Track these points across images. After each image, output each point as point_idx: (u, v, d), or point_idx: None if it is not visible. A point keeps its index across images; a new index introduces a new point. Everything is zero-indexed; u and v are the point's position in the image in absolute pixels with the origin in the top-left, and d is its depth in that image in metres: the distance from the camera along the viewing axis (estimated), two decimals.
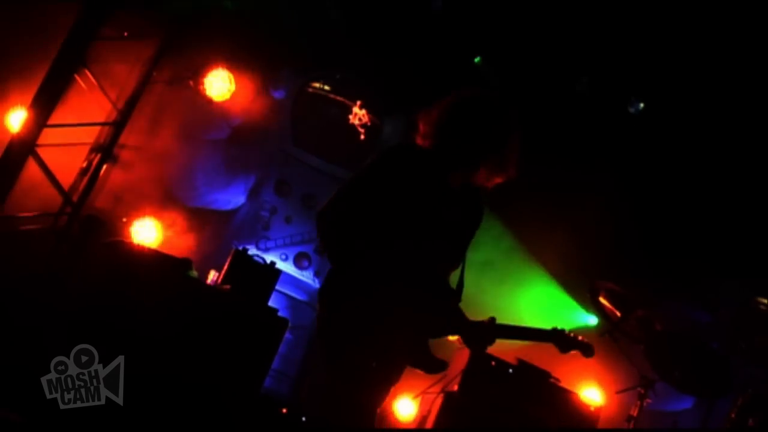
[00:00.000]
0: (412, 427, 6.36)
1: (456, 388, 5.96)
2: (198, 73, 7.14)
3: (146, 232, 6.92)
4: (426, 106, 3.98)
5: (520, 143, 3.88)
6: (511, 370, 6.00)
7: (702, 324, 7.52)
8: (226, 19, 7.36)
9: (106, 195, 7.07)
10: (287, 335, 7.98)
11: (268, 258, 6.44)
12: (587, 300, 6.62)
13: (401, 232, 3.66)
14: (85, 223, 6.50)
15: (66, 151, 6.85)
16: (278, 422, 5.83)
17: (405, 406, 6.84)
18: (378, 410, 3.74)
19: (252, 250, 6.76)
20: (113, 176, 7.08)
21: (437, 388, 6.21)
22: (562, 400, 6.02)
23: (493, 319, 3.90)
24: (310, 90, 8.40)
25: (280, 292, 7.95)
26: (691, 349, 6.08)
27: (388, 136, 8.58)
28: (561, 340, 4.07)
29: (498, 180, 3.88)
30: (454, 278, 3.90)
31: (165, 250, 6.18)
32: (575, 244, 7.71)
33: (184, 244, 7.27)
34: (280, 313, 6.07)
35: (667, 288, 7.76)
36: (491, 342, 3.88)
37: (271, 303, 6.09)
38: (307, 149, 8.40)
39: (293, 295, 8.21)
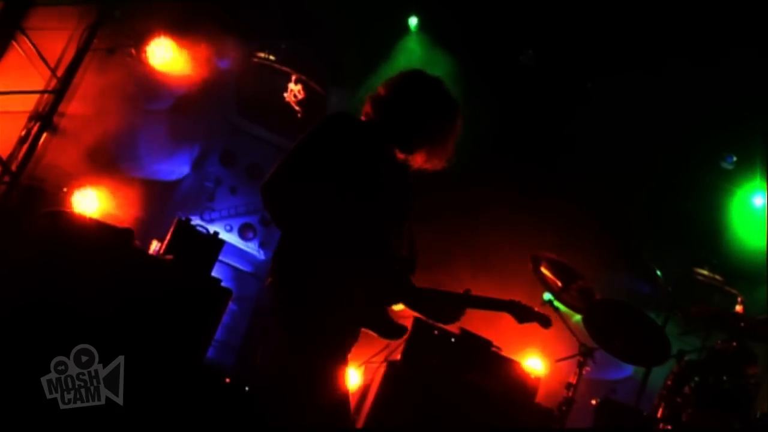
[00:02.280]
0: (356, 396, 6.39)
1: (399, 357, 5.99)
2: (140, 41, 7.02)
3: (87, 202, 6.83)
4: (369, 76, 4.06)
5: (455, 137, 3.98)
6: (453, 339, 6.04)
7: (642, 294, 7.67)
8: None
9: (47, 164, 6.94)
10: (232, 306, 7.98)
11: (213, 229, 6.39)
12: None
13: (348, 199, 3.67)
14: (24, 192, 6.38)
15: (4, 119, 6.71)
16: (221, 392, 5.80)
17: (350, 376, 6.86)
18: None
19: (196, 221, 6.70)
20: (53, 145, 6.94)
21: (380, 357, 6.25)
22: (503, 368, 6.08)
23: (468, 291, 3.98)
24: (256, 60, 8.34)
25: (224, 263, 7.93)
26: (629, 319, 6.18)
27: (333, 107, 8.57)
28: (518, 310, 4.12)
29: (427, 166, 3.99)
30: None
31: (107, 221, 6.09)
32: (520, 216, 7.81)
33: (126, 215, 7.18)
34: (224, 284, 6.03)
35: (609, 258, 7.89)
36: (462, 314, 3.97)
37: (215, 274, 6.05)
38: (252, 119, 8.36)
39: (238, 266, 8.20)
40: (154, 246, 5.98)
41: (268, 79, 8.34)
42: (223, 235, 7.57)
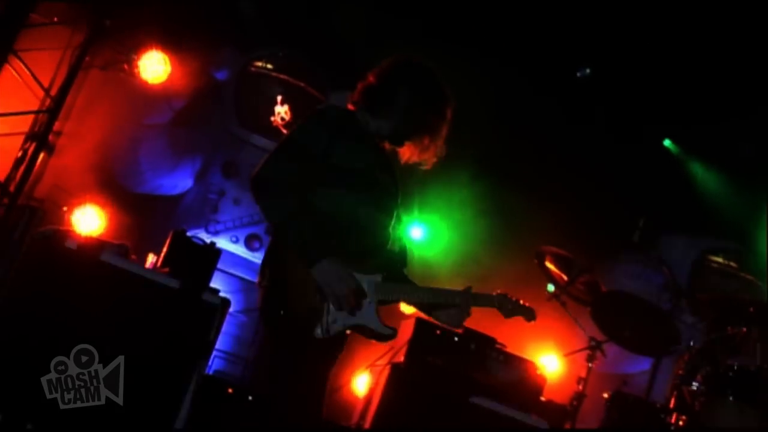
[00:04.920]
0: (363, 400, 6.32)
1: (402, 359, 5.92)
2: (132, 56, 7.00)
3: (88, 220, 6.81)
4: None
5: (444, 132, 3.84)
6: (456, 338, 5.95)
7: (653, 284, 7.54)
8: None
9: (45, 184, 6.96)
10: (242, 317, 7.97)
11: (219, 241, 6.37)
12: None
13: (340, 192, 3.63)
14: (22, 213, 6.40)
15: (1, 141, 6.75)
16: (224, 402, 5.77)
17: (362, 382, 6.76)
18: (328, 381, 3.66)
19: (201, 234, 6.71)
20: (51, 165, 6.96)
21: (385, 360, 6.18)
22: (508, 366, 5.96)
23: (469, 288, 3.83)
24: (253, 69, 8.35)
25: (232, 274, 7.93)
26: (636, 309, 6.09)
27: None
28: (505, 304, 3.97)
29: (417, 160, 3.88)
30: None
31: (110, 238, 6.07)
32: (525, 209, 7.74)
33: (130, 232, 7.16)
34: (232, 295, 6.00)
35: (618, 250, 7.79)
36: (467, 314, 3.83)
37: (224, 285, 6.06)
38: (252, 129, 8.34)
39: (246, 277, 8.17)
40: (151, 259, 5.96)
41: (266, 88, 8.32)
42: (230, 247, 7.59)
